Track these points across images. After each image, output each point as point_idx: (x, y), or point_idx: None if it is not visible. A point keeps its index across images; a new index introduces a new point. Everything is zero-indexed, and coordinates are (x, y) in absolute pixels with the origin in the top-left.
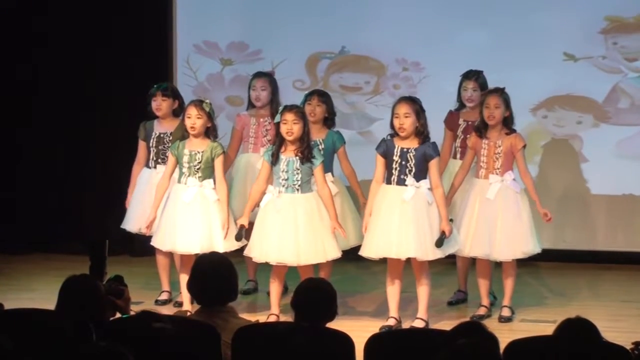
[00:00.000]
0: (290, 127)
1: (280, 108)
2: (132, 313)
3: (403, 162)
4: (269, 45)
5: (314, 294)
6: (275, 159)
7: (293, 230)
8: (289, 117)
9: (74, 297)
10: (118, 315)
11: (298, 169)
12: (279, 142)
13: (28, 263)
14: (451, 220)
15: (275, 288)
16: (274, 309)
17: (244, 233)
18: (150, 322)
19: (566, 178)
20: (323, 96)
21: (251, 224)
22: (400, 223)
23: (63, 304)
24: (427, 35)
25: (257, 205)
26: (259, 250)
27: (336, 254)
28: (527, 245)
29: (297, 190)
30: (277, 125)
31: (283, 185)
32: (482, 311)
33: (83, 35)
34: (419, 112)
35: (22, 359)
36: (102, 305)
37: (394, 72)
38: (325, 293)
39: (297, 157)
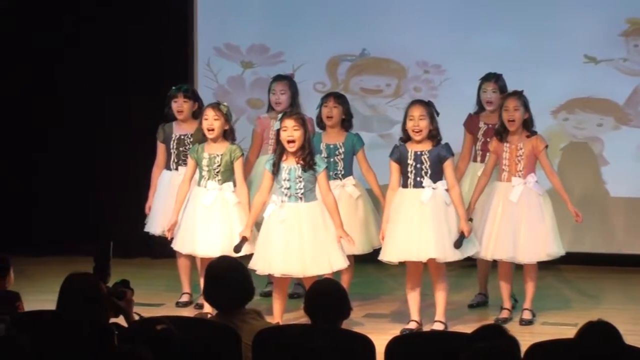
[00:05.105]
0: (291, 133)
1: (280, 115)
2: (135, 316)
3: (418, 165)
4: (290, 48)
5: (325, 296)
6: (276, 168)
7: (298, 241)
8: (289, 123)
9: (74, 295)
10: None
11: (300, 177)
12: (279, 150)
13: (49, 264)
14: (470, 219)
15: (279, 301)
16: (276, 320)
17: (244, 245)
18: (153, 326)
19: (587, 180)
20: (339, 98)
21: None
22: (420, 225)
23: (64, 301)
24: (447, 38)
25: (260, 216)
26: (263, 262)
27: (342, 264)
28: (551, 247)
29: (301, 199)
30: (277, 132)
31: (286, 195)
32: (505, 314)
33: (104, 38)
34: (433, 115)
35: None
36: (103, 304)
37: (415, 75)
38: (335, 293)
39: (299, 165)
